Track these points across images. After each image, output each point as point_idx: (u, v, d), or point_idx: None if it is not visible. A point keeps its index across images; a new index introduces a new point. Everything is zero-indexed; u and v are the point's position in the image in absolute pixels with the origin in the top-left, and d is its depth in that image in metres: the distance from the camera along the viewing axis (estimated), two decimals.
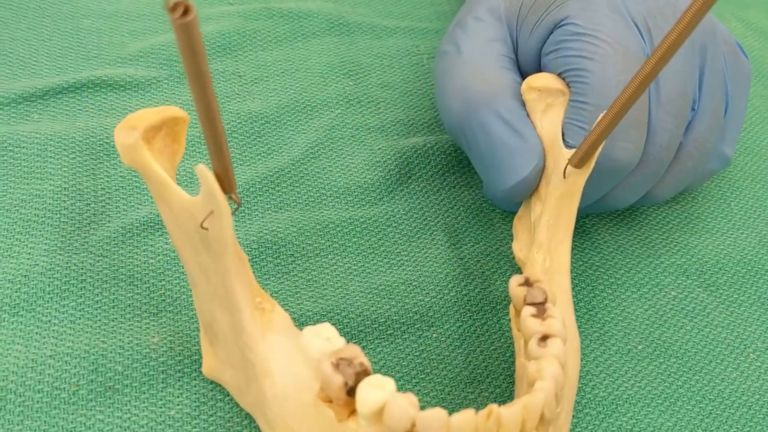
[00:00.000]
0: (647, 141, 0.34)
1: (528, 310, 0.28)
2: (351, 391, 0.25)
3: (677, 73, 0.35)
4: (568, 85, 0.34)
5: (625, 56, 0.33)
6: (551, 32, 0.35)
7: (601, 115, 0.29)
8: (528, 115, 0.34)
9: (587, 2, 0.35)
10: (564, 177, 0.32)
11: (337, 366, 0.25)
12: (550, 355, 0.27)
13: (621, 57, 0.33)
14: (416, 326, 0.34)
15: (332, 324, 0.34)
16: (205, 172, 0.24)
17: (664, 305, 0.37)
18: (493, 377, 0.33)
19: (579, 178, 0.31)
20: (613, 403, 0.33)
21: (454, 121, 0.35)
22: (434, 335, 0.34)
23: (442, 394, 0.33)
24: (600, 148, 0.30)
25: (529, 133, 0.34)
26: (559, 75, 0.34)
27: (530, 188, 0.34)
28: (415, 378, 0.33)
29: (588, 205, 0.36)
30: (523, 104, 0.35)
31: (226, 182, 0.25)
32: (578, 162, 0.31)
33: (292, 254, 0.36)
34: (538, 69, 0.36)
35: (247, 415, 0.31)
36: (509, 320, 0.35)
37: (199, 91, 0.22)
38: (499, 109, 0.34)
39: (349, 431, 0.25)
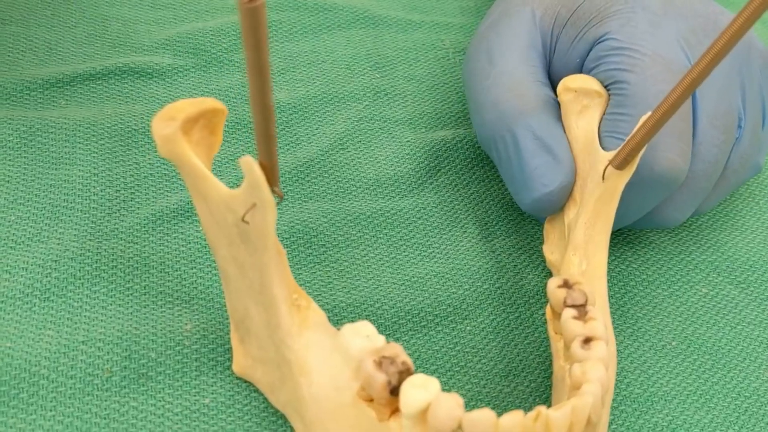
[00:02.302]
0: (695, 157, 0.34)
1: (569, 312, 0.28)
2: (394, 391, 0.24)
3: (722, 89, 0.34)
4: (609, 93, 0.34)
5: (666, 68, 0.33)
6: (591, 48, 0.35)
7: (646, 116, 0.28)
8: (562, 132, 0.34)
9: (627, 19, 0.34)
10: (603, 179, 0.31)
11: (379, 365, 0.25)
12: (595, 358, 0.26)
13: (661, 68, 0.33)
14: (450, 318, 0.34)
15: (365, 316, 0.33)
16: (251, 165, 0.23)
17: (696, 302, 0.37)
18: (528, 371, 0.33)
19: (619, 181, 0.31)
20: (648, 399, 0.33)
21: (487, 134, 0.35)
22: (468, 328, 0.34)
23: (477, 387, 0.32)
24: (643, 150, 0.30)
25: (560, 150, 0.33)
26: None
27: (556, 204, 0.34)
28: (449, 371, 0.32)
29: (636, 222, 0.36)
30: (557, 119, 0.34)
31: (270, 175, 0.24)
32: (620, 164, 0.30)
33: (324, 244, 0.36)
34: None
35: None
36: (543, 313, 0.35)
37: (258, 79, 0.21)
38: (533, 124, 0.34)
39: None
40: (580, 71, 0.36)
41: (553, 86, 0.36)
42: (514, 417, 0.24)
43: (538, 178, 0.33)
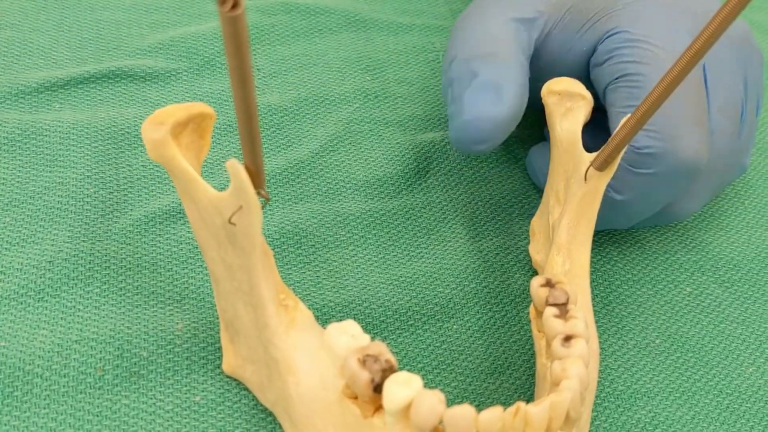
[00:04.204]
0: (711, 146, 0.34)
1: (550, 311, 0.29)
2: (377, 388, 0.25)
3: (730, 79, 0.35)
4: (618, 87, 0.34)
5: None
6: (600, 41, 0.35)
7: (626, 117, 0.29)
8: (520, 79, 0.34)
9: (636, 14, 0.35)
10: (585, 180, 0.32)
11: (363, 362, 0.25)
12: (575, 355, 0.27)
13: (673, 61, 0.33)
14: (437, 318, 0.35)
15: (354, 315, 0.34)
16: (236, 167, 0.24)
17: (680, 301, 0.37)
18: (513, 369, 0.34)
19: (600, 181, 0.32)
20: (631, 396, 0.33)
21: (452, 73, 0.35)
22: (455, 327, 0.34)
23: (463, 385, 0.33)
24: (623, 152, 0.30)
25: (509, 90, 0.33)
26: (614, 80, 0.34)
27: (483, 134, 0.33)
28: (436, 369, 0.33)
29: (650, 218, 0.36)
30: (520, 66, 0.34)
31: (256, 178, 0.25)
32: (600, 165, 0.31)
33: (313, 245, 0.36)
34: (580, 74, 0.36)
35: None
36: (528, 313, 0.35)
37: (240, 86, 0.22)
38: (495, 69, 0.33)
39: (375, 428, 0.25)
40: (587, 60, 0.36)
41: (550, 62, 0.36)
42: (494, 412, 0.24)
43: (474, 105, 0.33)
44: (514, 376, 0.33)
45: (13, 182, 0.36)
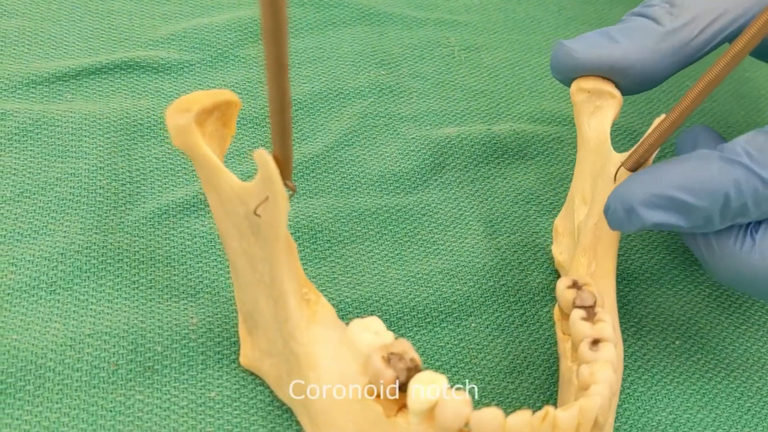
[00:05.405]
0: None
1: (578, 314, 0.28)
2: (401, 387, 0.24)
3: None
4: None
5: None
6: None
7: (660, 118, 0.28)
8: (646, 35, 0.33)
9: None
10: (614, 181, 0.31)
11: (388, 361, 0.25)
12: (604, 360, 0.26)
13: None
14: (454, 315, 0.34)
15: (371, 311, 0.33)
16: (265, 158, 0.23)
17: (700, 302, 0.37)
18: (532, 368, 0.33)
19: None
20: (651, 398, 0.33)
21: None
22: (473, 325, 0.34)
23: (481, 384, 0.32)
24: (655, 153, 0.30)
25: (626, 39, 0.32)
26: None
27: (570, 66, 0.33)
28: (454, 367, 0.32)
29: None
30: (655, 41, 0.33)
31: (284, 168, 0.24)
32: (633, 165, 0.30)
33: (329, 240, 0.36)
34: None
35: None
36: (548, 311, 0.35)
37: (277, 72, 0.21)
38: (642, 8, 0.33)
39: (398, 427, 0.25)
40: None
41: None
42: (522, 416, 0.24)
43: (584, 39, 0.33)
44: (533, 376, 0.33)
45: (25, 173, 0.35)
